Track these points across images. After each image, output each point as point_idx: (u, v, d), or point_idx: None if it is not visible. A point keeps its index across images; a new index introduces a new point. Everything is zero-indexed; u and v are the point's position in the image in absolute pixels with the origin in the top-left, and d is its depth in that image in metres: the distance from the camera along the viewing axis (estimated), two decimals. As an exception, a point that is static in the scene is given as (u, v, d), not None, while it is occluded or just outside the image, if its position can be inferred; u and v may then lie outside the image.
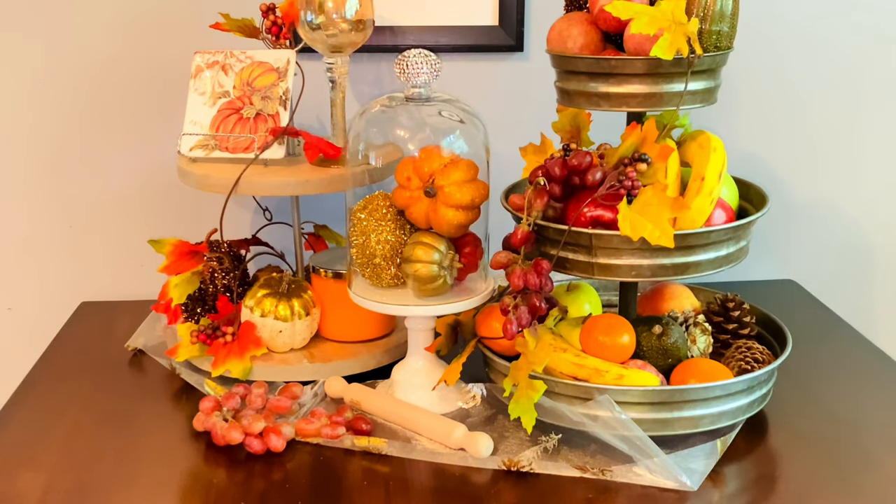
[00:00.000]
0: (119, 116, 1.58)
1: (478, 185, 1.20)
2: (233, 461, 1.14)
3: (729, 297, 1.33)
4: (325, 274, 1.35)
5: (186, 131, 1.38)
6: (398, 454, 1.14)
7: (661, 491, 1.07)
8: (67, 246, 1.63)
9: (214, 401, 1.21)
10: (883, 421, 1.23)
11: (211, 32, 1.44)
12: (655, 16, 1.08)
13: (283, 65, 1.39)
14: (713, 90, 1.18)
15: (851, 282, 1.75)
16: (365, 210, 1.24)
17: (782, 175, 1.70)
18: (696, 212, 1.13)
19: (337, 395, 1.27)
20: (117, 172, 1.61)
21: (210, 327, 1.33)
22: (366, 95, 1.60)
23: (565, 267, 1.17)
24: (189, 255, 1.38)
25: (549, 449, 1.14)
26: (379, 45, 1.54)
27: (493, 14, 1.57)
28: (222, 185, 1.31)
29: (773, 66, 1.64)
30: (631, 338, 1.17)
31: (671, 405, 1.11)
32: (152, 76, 1.56)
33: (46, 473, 1.11)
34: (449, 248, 1.21)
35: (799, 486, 1.09)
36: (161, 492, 1.08)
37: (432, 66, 1.20)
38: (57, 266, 1.64)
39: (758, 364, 1.19)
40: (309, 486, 1.09)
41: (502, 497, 1.06)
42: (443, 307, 1.22)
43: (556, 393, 1.14)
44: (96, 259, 1.64)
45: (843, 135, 1.69)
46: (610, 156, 1.16)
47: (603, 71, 1.14)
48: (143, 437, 1.19)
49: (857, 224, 1.73)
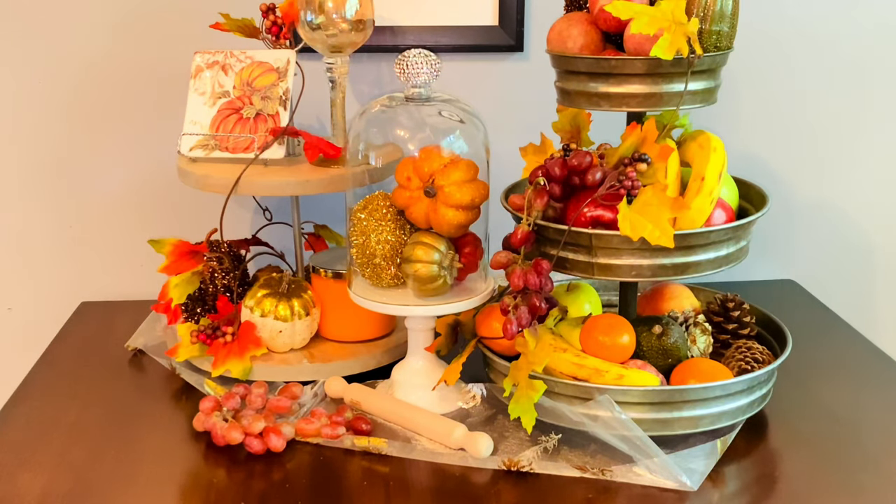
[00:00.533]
0: (119, 116, 1.58)
1: (478, 185, 1.20)
2: (233, 461, 1.14)
3: (729, 297, 1.33)
4: (325, 274, 1.35)
5: (186, 131, 1.38)
6: (398, 454, 1.14)
7: (661, 491, 1.07)
8: (67, 246, 1.63)
9: (214, 401, 1.21)
10: (883, 421, 1.23)
11: (211, 32, 1.44)
12: (655, 16, 1.08)
13: (283, 65, 1.39)
14: (713, 90, 1.18)
15: (851, 282, 1.75)
16: (365, 210, 1.24)
17: (782, 175, 1.69)
18: (696, 212, 1.13)
19: (337, 395, 1.27)
20: (117, 172, 1.61)
21: (210, 327, 1.33)
22: (366, 95, 1.60)
23: (565, 267, 1.17)
24: (189, 255, 1.38)
25: (549, 449, 1.14)
26: (379, 45, 1.54)
27: (493, 14, 1.57)
28: (222, 185, 1.31)
29: (774, 66, 1.64)
30: (631, 338, 1.17)
31: (671, 405, 1.11)
32: (152, 76, 1.56)
33: (46, 473, 1.10)
34: (449, 248, 1.21)
35: (799, 486, 1.09)
36: (161, 492, 1.08)
37: (432, 66, 1.20)
38: (57, 266, 1.64)
39: (758, 364, 1.19)
40: (309, 486, 1.09)
41: (502, 497, 1.06)
42: (443, 307, 1.22)
43: (556, 393, 1.14)
44: (96, 259, 1.64)
45: (843, 135, 1.69)
46: (610, 156, 1.16)
47: (603, 71, 1.14)
48: (143, 437, 1.19)
49: (857, 224, 1.73)
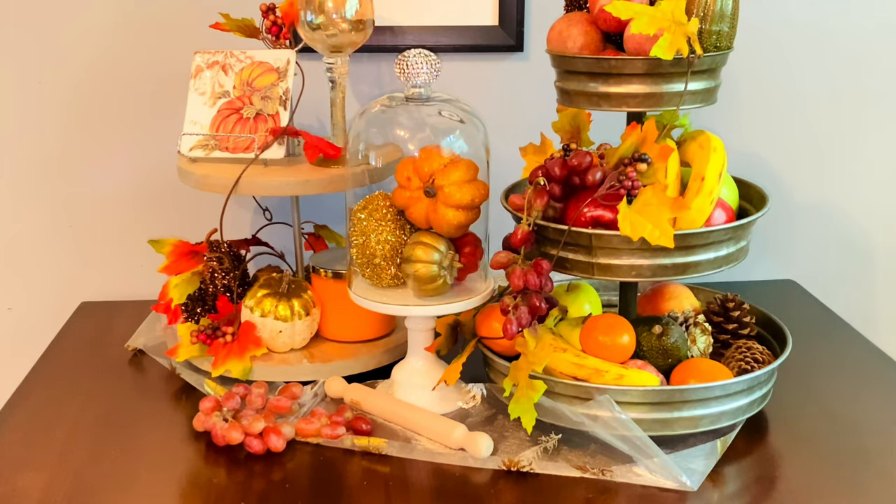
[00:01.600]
0: (119, 116, 1.58)
1: (478, 185, 1.20)
2: (233, 461, 1.14)
3: (729, 297, 1.33)
4: (325, 274, 1.35)
5: (186, 131, 1.38)
6: (398, 454, 1.14)
7: (661, 491, 1.07)
8: (67, 246, 1.63)
9: (214, 401, 1.21)
10: (883, 421, 1.23)
11: (211, 32, 1.43)
12: (655, 16, 1.08)
13: (283, 65, 1.39)
14: (713, 90, 1.18)
15: (851, 282, 1.75)
16: (365, 210, 1.24)
17: (782, 175, 1.69)
18: (696, 212, 1.13)
19: (337, 395, 1.27)
20: (117, 172, 1.61)
21: (210, 327, 1.33)
22: (366, 95, 1.60)
23: (565, 267, 1.17)
24: (189, 255, 1.38)
25: (549, 449, 1.14)
26: (379, 45, 1.54)
27: (493, 14, 1.57)
28: (222, 185, 1.31)
29: (774, 66, 1.64)
30: (631, 338, 1.17)
31: (671, 405, 1.11)
32: (152, 76, 1.56)
33: (46, 473, 1.10)
34: (449, 248, 1.21)
35: (799, 486, 1.09)
36: (161, 492, 1.08)
37: (432, 66, 1.20)
38: (57, 266, 1.64)
39: (758, 364, 1.19)
40: (309, 486, 1.09)
41: (502, 497, 1.06)
42: (443, 307, 1.22)
43: (556, 393, 1.14)
44: (96, 259, 1.64)
45: (843, 135, 1.69)
46: (610, 156, 1.16)
47: (603, 71, 1.14)
48: (143, 437, 1.19)
49: (857, 224, 1.73)
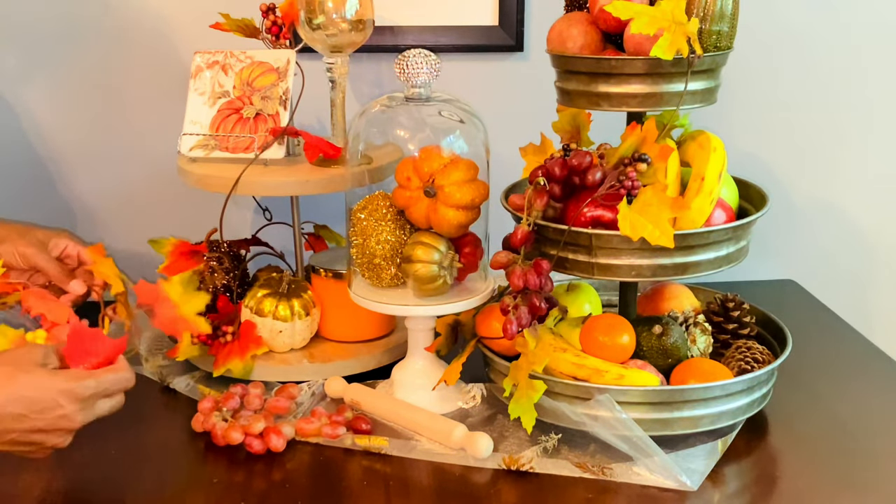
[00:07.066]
0: (119, 116, 1.58)
1: (478, 185, 1.20)
2: (233, 461, 1.14)
3: (729, 297, 1.33)
4: (325, 274, 1.35)
5: (186, 131, 1.38)
6: (398, 454, 1.14)
7: (661, 491, 1.07)
8: (67, 246, 1.63)
9: (213, 401, 1.21)
10: (883, 421, 1.23)
11: (211, 32, 1.43)
12: (655, 16, 1.08)
13: (283, 65, 1.39)
14: (713, 90, 1.18)
15: (851, 282, 1.75)
16: (365, 210, 1.24)
17: (782, 175, 1.69)
18: (696, 212, 1.13)
19: (337, 395, 1.27)
20: (117, 172, 1.61)
21: (210, 327, 1.33)
22: (366, 95, 1.60)
23: (565, 267, 1.17)
24: (189, 255, 1.38)
25: (549, 448, 1.14)
26: (379, 45, 1.54)
27: (493, 14, 1.57)
28: (222, 185, 1.31)
29: (774, 66, 1.64)
30: (631, 338, 1.17)
31: (671, 405, 1.11)
32: (152, 76, 1.56)
33: (46, 473, 1.10)
34: (449, 248, 1.21)
35: (799, 486, 1.09)
36: (161, 492, 1.08)
37: (432, 66, 1.20)
38: (57, 266, 1.63)
39: (758, 364, 1.19)
40: (309, 486, 1.09)
41: (502, 497, 1.06)
42: (443, 307, 1.22)
43: (556, 393, 1.14)
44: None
45: (843, 135, 1.69)
46: (610, 156, 1.16)
47: (603, 71, 1.14)
48: (143, 437, 1.19)
49: (857, 224, 1.73)
